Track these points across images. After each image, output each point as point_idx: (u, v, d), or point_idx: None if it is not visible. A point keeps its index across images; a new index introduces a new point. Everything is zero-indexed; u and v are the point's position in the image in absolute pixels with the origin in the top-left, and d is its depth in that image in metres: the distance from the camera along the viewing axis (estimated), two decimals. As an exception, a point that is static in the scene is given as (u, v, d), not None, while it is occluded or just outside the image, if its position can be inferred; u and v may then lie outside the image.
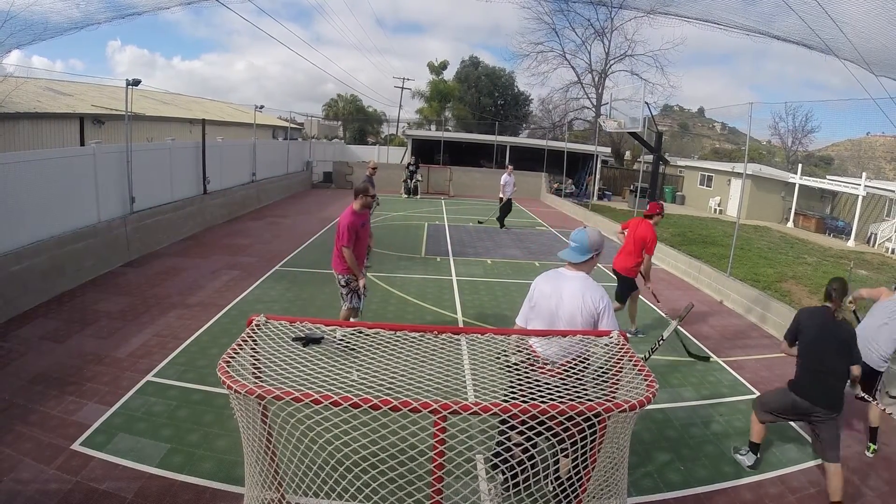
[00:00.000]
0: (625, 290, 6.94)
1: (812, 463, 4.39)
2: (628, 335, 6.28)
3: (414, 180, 21.41)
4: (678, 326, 5.07)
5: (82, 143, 15.20)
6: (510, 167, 15.43)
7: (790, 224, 22.89)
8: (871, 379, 4.59)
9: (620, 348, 2.79)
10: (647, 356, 4.95)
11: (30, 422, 4.23)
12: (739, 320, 8.15)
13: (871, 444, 4.65)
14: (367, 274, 7.71)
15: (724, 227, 18.63)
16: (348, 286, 5.75)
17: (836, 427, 3.86)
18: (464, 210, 18.56)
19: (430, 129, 35.76)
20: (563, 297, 3.23)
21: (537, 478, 2.51)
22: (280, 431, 2.49)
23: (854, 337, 3.96)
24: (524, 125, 44.51)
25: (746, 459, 4.34)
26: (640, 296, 7.15)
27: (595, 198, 23.75)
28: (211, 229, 12.47)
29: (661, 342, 5.06)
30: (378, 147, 32.05)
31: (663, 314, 7.73)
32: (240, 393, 2.12)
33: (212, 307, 7.12)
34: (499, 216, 14.91)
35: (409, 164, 21.81)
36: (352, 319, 5.66)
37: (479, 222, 15.74)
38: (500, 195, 14.62)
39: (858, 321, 5.02)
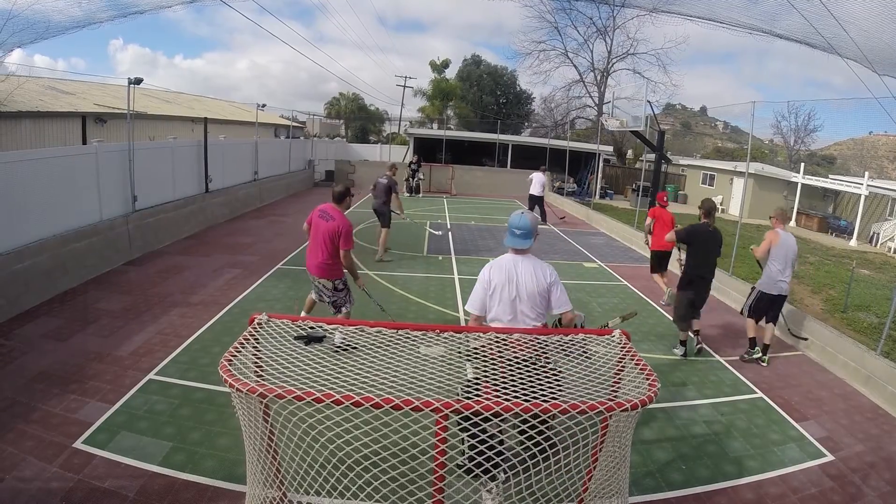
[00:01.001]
0: (665, 261, 8.87)
1: (813, 463, 4.39)
2: (664, 299, 8.03)
3: (416, 179, 21.41)
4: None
5: (84, 142, 15.24)
6: (543, 168, 16.54)
7: (792, 223, 22.85)
8: (779, 304, 6.51)
9: (621, 346, 2.79)
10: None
11: (32, 420, 4.24)
12: (741, 319, 8.11)
13: (764, 357, 6.41)
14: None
15: (727, 226, 18.55)
16: (346, 287, 5.75)
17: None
18: (466, 209, 18.55)
19: (432, 128, 35.75)
20: (520, 279, 3.46)
21: (539, 477, 2.51)
22: (282, 430, 2.49)
23: (721, 237, 6.39)
24: (526, 124, 44.49)
25: (678, 351, 6.48)
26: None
27: (597, 196, 23.72)
28: (213, 228, 12.48)
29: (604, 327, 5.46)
30: (380, 145, 32.05)
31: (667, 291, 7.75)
32: (241, 391, 2.13)
33: (213, 306, 7.13)
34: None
35: (411, 162, 21.80)
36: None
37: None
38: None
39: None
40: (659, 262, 8.75)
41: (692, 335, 6.56)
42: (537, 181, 15.72)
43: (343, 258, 5.52)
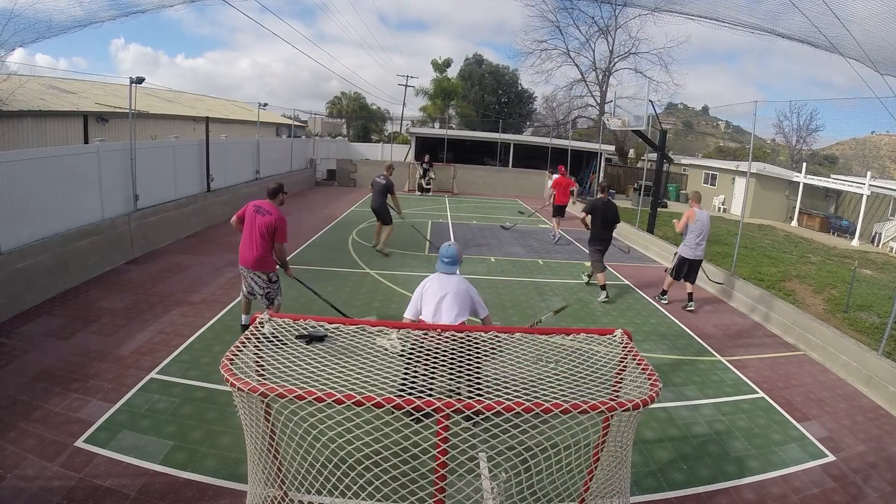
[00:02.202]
0: (561, 210, 13.01)
1: (814, 463, 4.38)
2: (553, 235, 12.30)
3: (427, 178, 21.49)
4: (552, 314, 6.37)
5: (86, 141, 15.25)
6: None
7: (794, 223, 22.80)
8: (696, 267, 8.34)
9: (623, 347, 2.79)
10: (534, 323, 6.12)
11: (33, 419, 4.24)
12: (743, 319, 8.13)
13: (658, 296, 8.64)
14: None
15: (728, 226, 18.56)
16: (279, 279, 6.17)
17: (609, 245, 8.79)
18: (467, 208, 18.54)
19: (433, 127, 35.73)
20: (448, 289, 4.41)
21: (540, 476, 2.51)
22: (283, 429, 2.49)
23: (614, 206, 8.91)
24: (528, 123, 44.41)
25: (601, 297, 8.39)
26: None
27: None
28: (214, 227, 12.48)
29: (539, 323, 6.22)
30: (382, 145, 32.03)
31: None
32: (243, 390, 2.13)
33: (215, 304, 7.14)
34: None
35: (422, 162, 21.91)
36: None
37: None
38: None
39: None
40: (557, 211, 13.36)
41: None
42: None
43: (277, 251, 5.88)
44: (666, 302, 8.50)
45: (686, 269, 8.27)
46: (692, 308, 8.28)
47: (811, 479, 4.16)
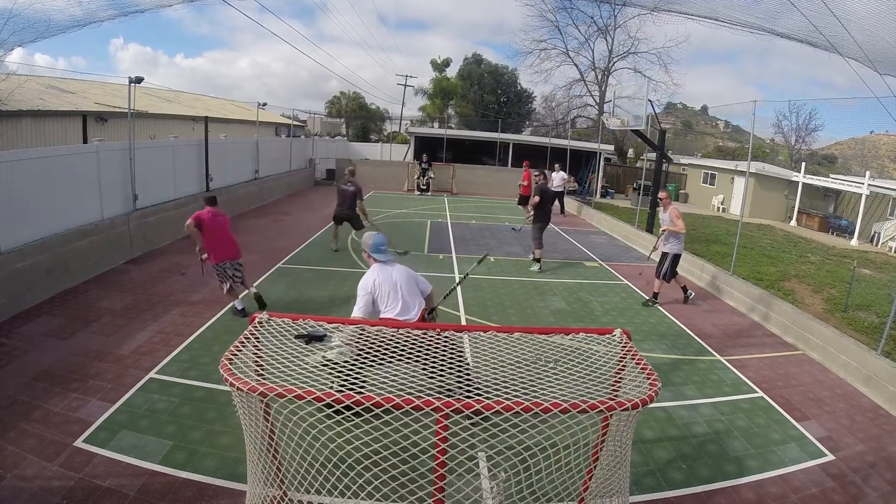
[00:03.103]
0: (526, 199, 13.63)
1: (813, 462, 4.39)
2: (525, 218, 13.05)
3: (427, 177, 21.47)
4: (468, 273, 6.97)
5: (85, 141, 15.24)
6: (557, 165, 18.07)
7: (793, 223, 22.82)
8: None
9: (622, 346, 2.79)
10: (449, 293, 6.26)
11: (33, 419, 4.24)
12: (742, 319, 8.14)
13: (651, 301, 8.41)
14: None
15: (728, 226, 18.58)
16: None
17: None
18: (467, 208, 18.54)
19: (433, 127, 35.72)
20: (396, 276, 4.46)
21: (540, 476, 2.51)
22: (282, 429, 2.49)
23: (552, 192, 11.68)
24: (527, 123, 44.41)
25: (535, 267, 10.03)
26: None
27: (598, 195, 23.71)
28: (213, 227, 12.46)
29: (457, 285, 6.69)
30: (381, 144, 32.03)
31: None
32: (242, 390, 2.13)
33: (214, 304, 7.13)
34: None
35: (420, 162, 21.89)
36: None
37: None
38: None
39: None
40: (522, 200, 15.97)
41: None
42: (557, 179, 17.26)
43: None
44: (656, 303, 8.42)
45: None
46: (692, 295, 8.69)
47: (810, 478, 4.16)
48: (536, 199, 10.12)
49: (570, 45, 36.65)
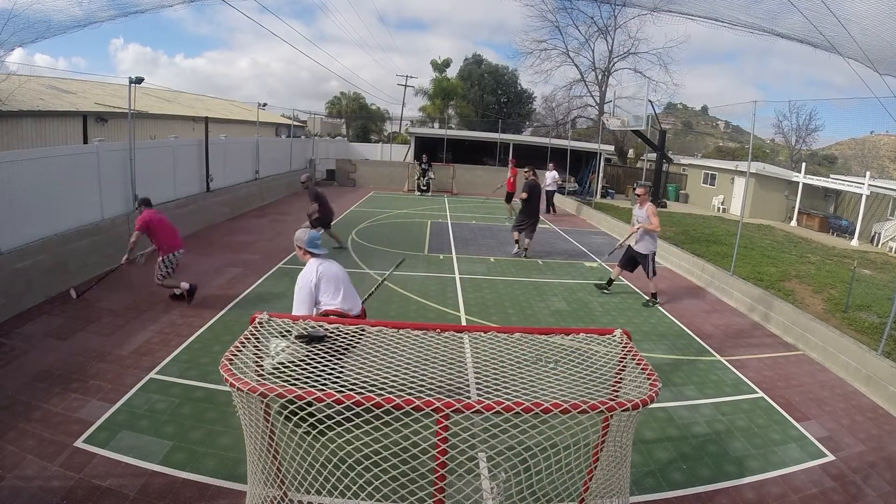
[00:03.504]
0: (511, 196, 15.55)
1: (814, 463, 4.38)
2: (509, 217, 14.95)
3: (427, 178, 21.48)
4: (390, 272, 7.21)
5: (86, 141, 15.23)
6: (551, 165, 18.45)
7: (794, 223, 22.80)
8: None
9: (623, 346, 2.79)
10: (367, 297, 6.14)
11: (33, 419, 4.24)
12: (742, 319, 8.13)
13: (651, 302, 8.39)
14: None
15: (728, 226, 18.57)
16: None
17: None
18: (467, 208, 18.54)
19: (433, 127, 35.73)
20: (335, 268, 4.54)
21: (540, 476, 2.51)
22: (282, 429, 2.49)
23: (539, 186, 11.13)
24: (527, 123, 44.43)
25: (513, 249, 11.24)
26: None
27: (598, 196, 23.70)
28: (214, 227, 12.48)
29: (375, 289, 6.60)
30: (381, 145, 32.03)
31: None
32: (242, 390, 2.13)
33: (214, 305, 7.13)
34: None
35: (420, 162, 21.90)
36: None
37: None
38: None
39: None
40: (508, 197, 16.32)
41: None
42: (550, 178, 17.57)
43: None
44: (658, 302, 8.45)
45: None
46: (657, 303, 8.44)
47: (810, 478, 4.16)
48: (524, 195, 10.70)
49: (570, 46, 36.65)
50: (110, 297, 7.17)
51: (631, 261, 8.57)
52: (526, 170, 12.08)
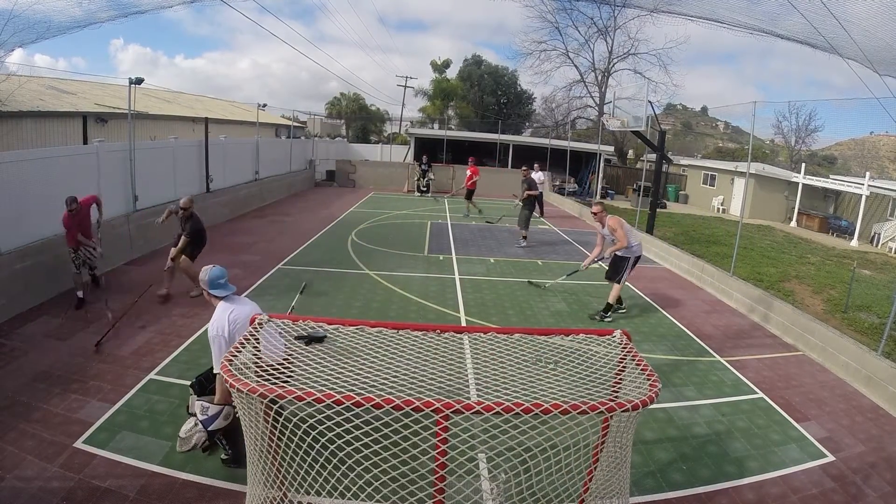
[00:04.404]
0: (472, 193, 16.90)
1: (814, 463, 4.38)
2: (466, 212, 16.90)
3: (427, 179, 21.49)
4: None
5: (85, 142, 15.23)
6: (537, 165, 17.56)
7: (793, 223, 22.83)
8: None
9: (622, 347, 2.79)
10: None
11: (32, 419, 4.24)
12: (742, 320, 8.13)
13: (601, 316, 7.56)
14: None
15: (728, 227, 18.59)
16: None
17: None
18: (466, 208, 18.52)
19: (432, 128, 35.75)
20: (249, 308, 3.70)
21: (540, 477, 2.51)
22: (282, 430, 2.49)
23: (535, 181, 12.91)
24: (527, 124, 44.45)
25: (522, 242, 12.03)
26: None
27: (598, 196, 23.72)
28: (214, 227, 12.44)
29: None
30: (381, 145, 32.04)
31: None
32: (242, 391, 2.13)
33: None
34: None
35: (420, 163, 21.91)
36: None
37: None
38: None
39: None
40: (469, 194, 16.87)
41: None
42: (536, 178, 16.34)
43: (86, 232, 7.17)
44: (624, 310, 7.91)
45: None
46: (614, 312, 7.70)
47: (810, 479, 4.16)
48: (530, 192, 12.49)
49: (570, 47, 36.73)
50: (110, 298, 7.16)
51: (613, 268, 7.69)
52: (524, 168, 13.11)
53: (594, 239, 14.28)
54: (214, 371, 3.69)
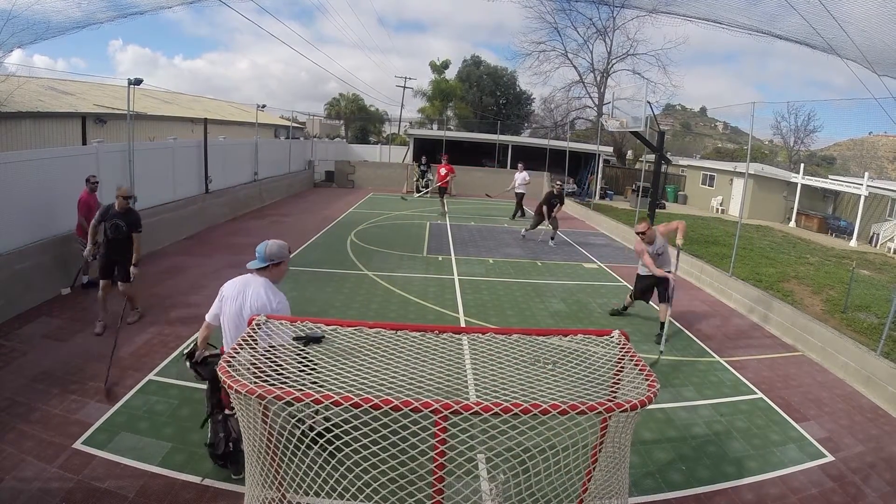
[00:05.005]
0: (444, 191, 17.48)
1: (813, 463, 4.39)
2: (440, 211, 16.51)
3: (426, 179, 21.48)
4: None
5: (84, 143, 15.23)
6: (520, 165, 17.53)
7: (792, 224, 22.83)
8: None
9: (621, 347, 2.79)
10: None
11: (32, 420, 4.24)
12: (742, 320, 8.13)
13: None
14: None
15: (727, 227, 18.58)
16: None
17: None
18: (466, 209, 18.54)
19: (431, 129, 35.73)
20: (247, 297, 3.56)
21: (539, 477, 2.51)
22: (281, 431, 2.49)
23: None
24: (526, 124, 44.47)
25: (525, 233, 13.01)
26: None
27: (597, 197, 23.71)
28: (213, 228, 12.48)
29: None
30: (380, 146, 32.03)
31: None
32: (240, 392, 2.12)
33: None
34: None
35: (419, 164, 21.91)
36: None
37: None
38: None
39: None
40: (440, 191, 17.30)
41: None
42: (519, 179, 16.85)
43: None
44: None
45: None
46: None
47: (810, 479, 4.16)
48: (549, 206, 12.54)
49: (568, 47, 36.70)
50: (109, 299, 7.14)
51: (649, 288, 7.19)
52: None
53: (594, 239, 14.36)
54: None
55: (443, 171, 17.35)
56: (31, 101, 15.24)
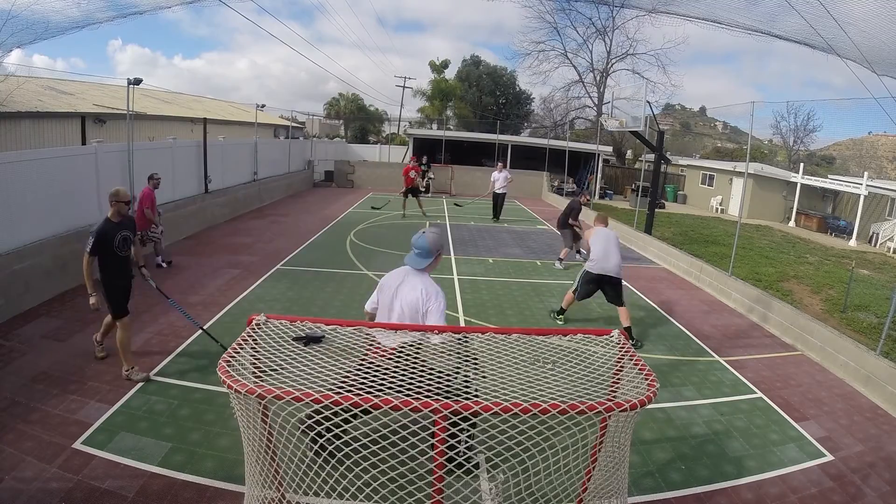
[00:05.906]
0: (415, 192, 16.10)
1: (812, 463, 4.39)
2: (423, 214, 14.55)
3: (426, 179, 21.48)
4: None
5: (84, 142, 15.22)
6: (500, 164, 17.33)
7: (792, 223, 22.85)
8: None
9: (620, 346, 2.79)
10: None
11: (31, 420, 4.23)
12: (741, 320, 8.14)
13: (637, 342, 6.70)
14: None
15: (726, 227, 18.60)
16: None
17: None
18: (465, 209, 18.54)
19: (431, 128, 35.74)
20: (403, 289, 3.57)
21: (538, 476, 2.51)
22: (280, 430, 2.49)
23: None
24: (525, 124, 44.49)
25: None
26: None
27: (597, 197, 23.73)
28: (212, 228, 12.48)
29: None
30: (380, 146, 32.04)
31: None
32: (240, 392, 2.12)
33: (213, 306, 7.13)
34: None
35: (420, 163, 21.92)
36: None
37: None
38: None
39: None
40: (410, 192, 15.80)
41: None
42: (501, 179, 16.42)
43: None
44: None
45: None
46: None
47: (809, 478, 4.17)
48: (574, 223, 10.84)
49: (568, 47, 36.80)
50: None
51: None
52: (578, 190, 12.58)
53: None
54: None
55: (412, 174, 15.83)
56: (30, 100, 15.24)
